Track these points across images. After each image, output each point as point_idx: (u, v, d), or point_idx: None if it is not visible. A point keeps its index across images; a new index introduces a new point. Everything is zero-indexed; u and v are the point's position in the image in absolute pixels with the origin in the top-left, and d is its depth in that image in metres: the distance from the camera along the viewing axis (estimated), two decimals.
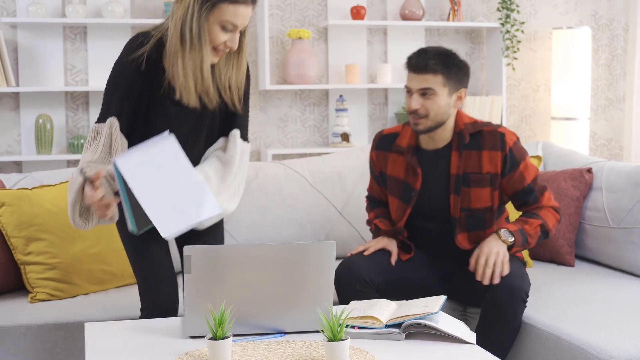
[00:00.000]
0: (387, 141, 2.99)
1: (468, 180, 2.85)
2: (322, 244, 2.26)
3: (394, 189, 2.96)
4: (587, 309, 2.72)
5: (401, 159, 2.93)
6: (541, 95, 5.07)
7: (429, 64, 2.76)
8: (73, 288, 3.01)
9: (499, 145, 2.84)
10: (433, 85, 2.77)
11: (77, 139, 4.27)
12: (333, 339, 2.00)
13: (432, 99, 2.78)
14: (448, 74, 2.78)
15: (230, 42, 2.43)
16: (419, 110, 2.79)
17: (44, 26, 4.31)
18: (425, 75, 2.77)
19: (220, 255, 2.23)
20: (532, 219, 2.82)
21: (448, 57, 2.79)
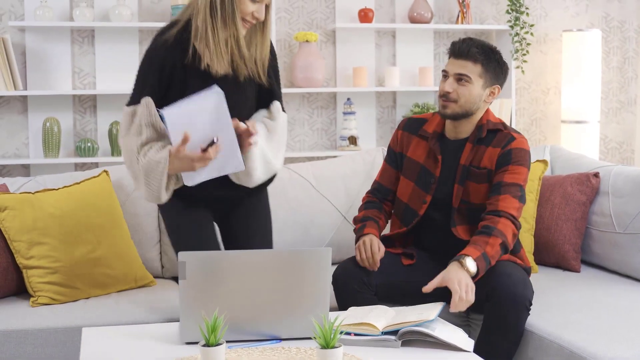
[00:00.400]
0: (414, 125, 3.03)
1: (469, 173, 2.87)
2: (318, 250, 2.25)
3: (410, 172, 2.98)
4: (590, 316, 2.69)
5: (424, 144, 2.96)
6: (551, 98, 5.02)
7: (471, 51, 2.79)
8: (75, 292, 3.00)
9: (503, 143, 2.85)
10: (470, 72, 2.81)
11: (84, 142, 4.28)
12: (326, 347, 1.98)
13: (466, 86, 2.82)
14: (487, 65, 2.81)
15: (258, 12, 2.56)
16: (451, 94, 2.82)
17: (52, 30, 4.32)
18: (466, 61, 2.80)
19: (215, 262, 2.22)
20: (493, 237, 2.70)
21: (491, 51, 2.84)
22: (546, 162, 3.47)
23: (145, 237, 3.34)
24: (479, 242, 2.70)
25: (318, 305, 2.25)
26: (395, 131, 3.09)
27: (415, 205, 2.95)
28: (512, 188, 2.80)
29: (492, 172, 2.85)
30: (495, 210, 2.76)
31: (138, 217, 3.33)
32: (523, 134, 4.94)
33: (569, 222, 3.34)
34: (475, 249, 2.67)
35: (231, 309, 2.22)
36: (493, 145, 2.86)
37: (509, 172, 2.82)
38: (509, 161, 2.83)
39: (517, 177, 2.81)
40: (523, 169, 2.83)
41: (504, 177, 2.81)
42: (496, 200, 2.79)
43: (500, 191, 2.80)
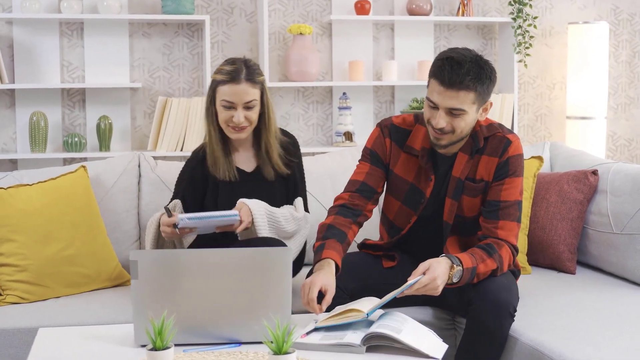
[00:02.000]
0: (399, 136, 2.75)
1: (464, 187, 2.67)
2: (277, 250, 2.15)
3: (397, 190, 2.76)
4: (579, 321, 2.55)
5: (413, 161, 2.72)
6: (557, 93, 4.86)
7: (464, 81, 2.47)
8: (45, 291, 2.91)
9: (499, 151, 2.65)
10: (464, 104, 2.51)
11: (71, 137, 4.18)
12: (278, 352, 1.86)
13: (460, 118, 2.54)
14: (481, 88, 2.52)
15: (236, 118, 2.77)
16: (445, 127, 2.56)
17: (40, 22, 4.23)
18: (458, 92, 2.49)
19: (169, 261, 2.12)
20: (491, 259, 2.55)
21: (482, 69, 2.51)
22: (541, 159, 3.32)
23: (124, 235, 3.24)
24: (477, 255, 2.55)
25: (279, 307, 2.13)
26: (379, 135, 2.78)
27: (401, 223, 2.78)
28: (511, 209, 2.63)
29: (488, 184, 2.66)
30: (496, 238, 2.62)
31: (116, 214, 3.23)
32: (527, 130, 4.82)
33: (565, 222, 3.20)
34: (470, 260, 2.52)
35: (187, 310, 2.12)
36: (488, 153, 2.66)
37: (507, 186, 2.63)
38: (506, 173, 2.64)
39: (514, 191, 2.64)
40: (519, 179, 2.66)
41: (502, 193, 2.63)
42: (495, 228, 2.62)
43: (498, 215, 2.62)
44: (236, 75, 2.77)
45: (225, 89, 2.77)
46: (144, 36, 4.37)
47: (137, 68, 4.38)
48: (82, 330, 2.35)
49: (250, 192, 2.83)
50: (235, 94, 2.76)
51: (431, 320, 2.82)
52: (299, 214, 2.88)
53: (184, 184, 2.92)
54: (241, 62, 2.81)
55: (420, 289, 2.40)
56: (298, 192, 2.96)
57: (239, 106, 2.77)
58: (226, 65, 2.82)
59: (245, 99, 2.76)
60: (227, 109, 2.78)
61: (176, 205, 2.87)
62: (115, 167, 3.32)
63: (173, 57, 4.41)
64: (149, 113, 4.39)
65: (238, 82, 2.76)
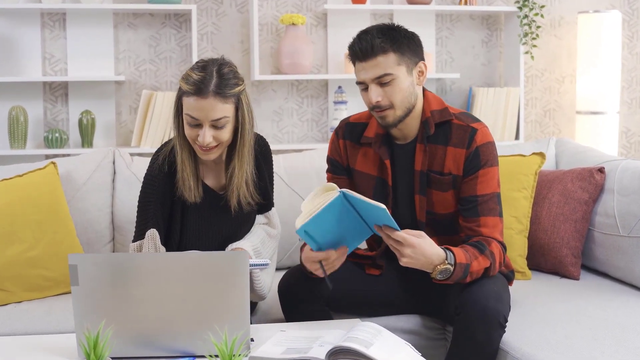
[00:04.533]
0: (355, 131, 2.59)
1: (429, 180, 2.46)
2: (232, 254, 1.94)
3: (365, 188, 2.56)
4: (577, 333, 2.32)
5: (371, 153, 2.54)
6: (566, 87, 4.60)
7: (375, 45, 2.35)
8: (5, 295, 2.73)
9: (466, 142, 2.43)
10: (388, 68, 2.36)
11: (52, 133, 3.99)
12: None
13: (393, 85, 2.37)
14: (400, 49, 2.37)
15: (201, 137, 2.31)
16: (381, 102, 2.38)
17: (20, 12, 4.05)
18: (375, 59, 2.35)
19: (113, 265, 1.91)
20: (482, 256, 2.35)
21: (393, 30, 2.40)
22: (543, 155, 3.08)
23: (96, 236, 3.05)
24: (470, 252, 2.35)
25: (236, 316, 1.92)
26: (334, 138, 2.63)
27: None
28: (490, 203, 2.42)
29: (458, 178, 2.45)
30: (482, 236, 2.41)
31: (88, 213, 3.04)
32: (535, 126, 4.57)
33: (568, 223, 2.97)
34: (464, 256, 2.32)
35: (134, 320, 1.92)
36: (454, 144, 2.44)
37: (481, 179, 2.42)
38: (478, 165, 2.42)
39: (490, 183, 2.43)
40: (493, 169, 2.44)
41: (477, 188, 2.42)
42: (477, 226, 2.42)
43: (477, 211, 2.42)
44: (203, 86, 2.28)
45: (190, 102, 2.30)
46: (129, 27, 4.18)
47: (122, 61, 4.18)
48: (24, 339, 2.17)
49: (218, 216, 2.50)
50: (200, 109, 2.29)
51: (420, 329, 2.62)
52: (273, 230, 2.65)
53: (154, 206, 2.44)
54: (213, 67, 2.33)
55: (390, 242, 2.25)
56: (270, 203, 2.65)
57: (205, 123, 2.31)
58: (195, 71, 2.33)
59: (212, 116, 2.30)
60: (192, 126, 2.33)
61: (155, 237, 2.39)
62: (88, 164, 3.12)
63: (160, 49, 4.20)
64: (135, 108, 4.19)
65: (204, 95, 2.28)
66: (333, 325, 2.26)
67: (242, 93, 2.37)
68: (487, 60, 4.51)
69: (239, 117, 2.36)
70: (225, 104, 2.31)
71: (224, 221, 2.49)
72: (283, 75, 4.16)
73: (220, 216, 2.48)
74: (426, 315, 2.63)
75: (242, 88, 2.38)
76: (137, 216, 2.46)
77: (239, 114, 2.36)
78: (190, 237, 2.47)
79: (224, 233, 2.50)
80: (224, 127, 2.33)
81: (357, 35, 2.42)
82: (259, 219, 2.63)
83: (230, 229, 2.51)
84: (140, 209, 2.45)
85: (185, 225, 2.47)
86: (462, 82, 4.48)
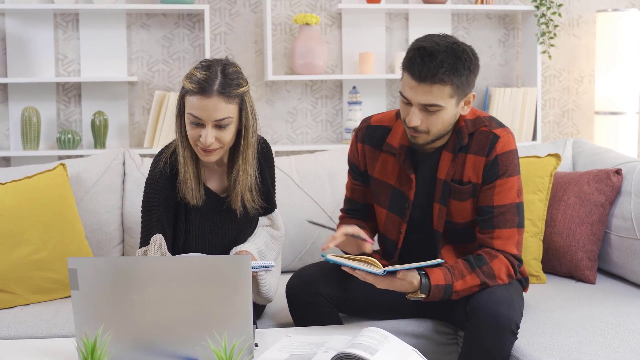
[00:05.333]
0: (377, 136, 2.49)
1: (450, 190, 2.40)
2: (234, 258, 1.90)
3: (382, 197, 2.50)
4: (591, 340, 2.26)
5: (392, 161, 2.46)
6: (585, 87, 4.52)
7: (437, 74, 2.20)
8: (12, 298, 2.70)
9: (486, 149, 2.35)
10: (439, 100, 2.23)
11: (64, 134, 3.98)
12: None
13: (437, 115, 2.26)
14: (458, 81, 2.24)
15: (203, 138, 2.27)
16: (419, 126, 2.29)
17: (33, 13, 4.04)
18: (432, 87, 2.22)
19: (113, 270, 1.88)
20: (471, 275, 2.29)
21: (459, 59, 2.23)
22: (559, 157, 3.02)
23: (105, 237, 3.02)
24: (456, 271, 2.30)
25: (239, 321, 1.88)
26: (353, 141, 2.55)
27: (392, 235, 2.51)
28: (507, 214, 2.35)
29: (477, 186, 2.38)
30: (492, 248, 2.35)
31: (98, 215, 3.01)
32: (553, 127, 4.50)
33: (584, 226, 2.90)
34: (443, 277, 2.28)
35: (135, 325, 1.88)
36: (474, 151, 2.37)
37: (498, 189, 2.35)
38: (496, 174, 2.35)
39: (509, 194, 2.36)
40: (513, 179, 2.37)
41: (494, 198, 2.35)
42: (491, 238, 2.35)
43: (494, 223, 2.35)
44: (207, 85, 2.25)
45: (193, 101, 2.27)
46: (142, 27, 4.16)
47: (135, 61, 4.16)
48: (28, 343, 2.15)
49: (221, 219, 2.46)
50: (203, 109, 2.26)
51: (431, 334, 2.57)
52: (277, 231, 2.60)
53: (158, 210, 2.39)
54: (218, 67, 2.30)
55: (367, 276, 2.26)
56: (273, 205, 2.60)
57: (208, 124, 2.27)
58: (199, 70, 2.30)
59: (215, 116, 2.26)
60: (194, 126, 2.29)
61: (160, 242, 2.34)
62: (98, 165, 3.10)
63: (173, 50, 4.18)
64: (148, 108, 4.17)
65: (208, 95, 2.25)
66: (340, 330, 2.22)
67: (246, 94, 2.33)
68: (504, 60, 4.45)
69: (242, 118, 2.33)
70: (229, 104, 2.27)
71: (226, 224, 2.45)
72: (297, 76, 4.12)
73: (223, 219, 2.45)
74: (438, 320, 2.58)
75: (247, 89, 2.34)
76: (142, 222, 2.43)
77: (242, 115, 2.33)
78: (193, 241, 2.44)
79: (227, 236, 2.47)
80: (227, 128, 2.30)
81: (421, 52, 2.23)
82: (262, 221, 2.60)
83: (233, 232, 2.47)
84: (145, 214, 2.42)
85: (188, 229, 2.43)
86: (478, 83, 4.40)
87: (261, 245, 2.48)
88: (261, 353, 1.98)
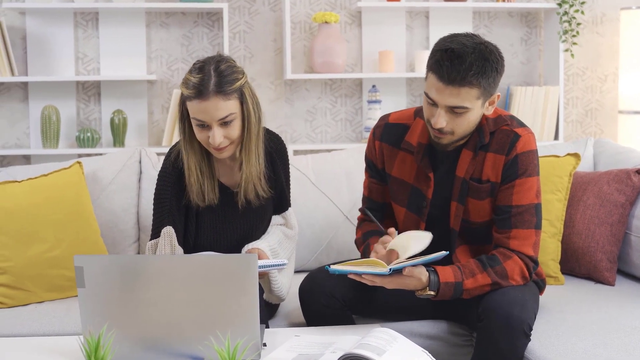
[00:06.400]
0: (395, 133, 2.46)
1: (469, 188, 2.36)
2: (241, 257, 1.88)
3: (400, 196, 2.47)
4: (607, 343, 2.22)
5: (410, 159, 2.43)
6: (609, 86, 4.46)
7: (467, 77, 2.16)
8: (26, 295, 2.72)
9: (506, 148, 2.32)
10: (466, 102, 2.20)
11: (83, 132, 3.99)
12: None
13: (463, 116, 2.24)
14: (486, 82, 2.21)
15: (212, 139, 2.28)
16: (445, 128, 2.26)
17: (54, 12, 4.06)
18: (460, 89, 2.18)
19: (120, 268, 1.87)
20: (483, 274, 2.26)
21: (487, 61, 2.20)
22: (578, 156, 2.97)
23: (121, 236, 3.02)
24: (467, 269, 2.27)
25: (246, 321, 1.87)
26: (371, 138, 2.52)
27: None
28: (525, 215, 2.31)
29: (496, 186, 2.35)
30: (507, 248, 2.32)
31: (113, 213, 3.01)
32: (576, 126, 4.44)
33: (604, 227, 2.85)
34: (453, 274, 2.25)
35: (141, 324, 1.88)
36: (494, 149, 2.34)
37: (517, 189, 2.32)
38: (515, 174, 2.32)
39: (527, 194, 2.32)
40: (533, 179, 2.33)
41: (513, 197, 2.31)
42: (507, 238, 2.32)
43: (511, 222, 2.31)
44: (203, 88, 2.24)
45: (193, 106, 2.27)
46: (161, 26, 4.16)
47: (155, 60, 4.17)
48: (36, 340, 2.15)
49: (233, 214, 2.46)
50: (205, 111, 2.25)
51: (446, 335, 2.54)
52: (290, 230, 2.59)
53: (169, 203, 2.41)
54: (210, 67, 2.28)
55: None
56: (287, 203, 2.59)
57: (213, 124, 2.27)
58: (192, 73, 2.29)
59: (217, 115, 2.26)
60: (201, 128, 2.30)
61: (170, 234, 2.36)
62: (114, 163, 3.10)
63: (192, 48, 4.18)
64: (167, 107, 4.17)
65: (206, 97, 2.24)
66: (350, 330, 2.20)
67: (244, 86, 2.32)
68: (526, 59, 4.39)
69: (244, 111, 2.32)
70: (228, 100, 2.26)
71: (238, 219, 2.45)
72: (316, 74, 4.10)
73: (234, 214, 2.44)
74: (453, 321, 2.55)
75: (244, 81, 2.32)
76: (153, 214, 2.43)
77: (244, 107, 2.32)
78: (205, 236, 2.44)
79: (239, 232, 2.46)
80: (232, 124, 2.29)
81: (449, 54, 2.18)
82: (276, 220, 2.58)
83: (244, 227, 2.47)
84: (156, 207, 2.42)
85: (199, 225, 2.43)
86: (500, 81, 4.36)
87: (274, 243, 2.46)
88: (269, 352, 1.96)
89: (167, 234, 2.35)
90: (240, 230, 2.46)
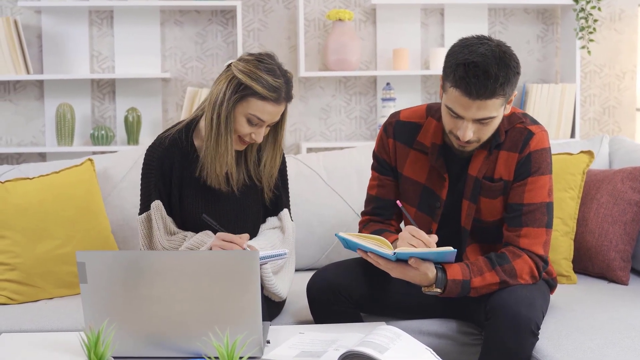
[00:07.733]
0: (407, 132, 2.43)
1: (481, 187, 2.34)
2: (243, 253, 1.89)
3: (411, 195, 2.44)
4: (617, 343, 2.19)
5: (424, 159, 2.40)
6: (627, 83, 4.40)
7: (494, 90, 2.14)
8: (36, 292, 2.73)
9: (519, 145, 2.30)
10: (493, 111, 2.19)
11: (98, 130, 4.01)
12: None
13: (490, 125, 2.22)
14: (509, 89, 2.19)
15: (256, 135, 2.40)
16: (472, 138, 2.23)
17: (69, 10, 4.08)
18: (487, 101, 2.15)
19: (122, 263, 1.87)
20: (491, 272, 2.24)
21: (509, 68, 2.17)
22: (591, 154, 2.93)
23: (132, 233, 3.03)
24: (475, 267, 2.25)
25: (248, 318, 1.86)
26: (382, 135, 2.49)
27: None
28: (536, 213, 2.29)
29: (508, 184, 2.33)
30: (517, 247, 2.29)
31: (124, 210, 3.02)
32: (593, 124, 4.39)
33: (617, 225, 2.82)
34: (461, 272, 2.23)
35: (143, 319, 1.88)
36: (507, 147, 2.32)
37: (529, 187, 2.30)
38: (528, 171, 2.30)
39: (539, 192, 2.30)
40: (545, 177, 2.31)
41: (525, 195, 2.29)
42: (518, 236, 2.29)
43: (522, 221, 2.29)
44: (279, 94, 2.36)
45: (261, 105, 2.35)
46: (175, 24, 4.17)
47: (169, 58, 4.18)
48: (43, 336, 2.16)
49: (239, 203, 2.53)
50: (272, 113, 2.38)
51: (455, 334, 2.52)
52: (284, 233, 2.59)
53: (155, 177, 2.49)
54: (281, 75, 2.39)
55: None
56: (282, 204, 2.61)
57: (264, 124, 2.40)
58: (268, 74, 2.36)
59: (276, 118, 2.41)
60: (252, 124, 2.38)
61: (160, 209, 2.47)
62: (125, 161, 3.11)
63: (206, 46, 4.18)
64: (181, 105, 4.18)
65: (280, 102, 2.38)
66: (354, 328, 2.19)
67: None
68: (542, 56, 4.35)
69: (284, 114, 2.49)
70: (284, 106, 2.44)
71: (222, 201, 2.52)
72: (330, 72, 4.09)
73: (218, 197, 2.51)
74: (461, 320, 2.53)
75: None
76: (141, 190, 2.53)
77: (284, 112, 2.48)
78: (187, 213, 2.52)
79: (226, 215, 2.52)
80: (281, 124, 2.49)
81: (474, 70, 2.13)
82: (273, 222, 2.59)
83: (232, 211, 2.52)
84: (144, 181, 2.52)
85: (182, 203, 2.52)
86: None
87: (274, 239, 2.48)
88: (272, 349, 1.95)
89: (157, 208, 2.46)
90: (228, 213, 2.53)
